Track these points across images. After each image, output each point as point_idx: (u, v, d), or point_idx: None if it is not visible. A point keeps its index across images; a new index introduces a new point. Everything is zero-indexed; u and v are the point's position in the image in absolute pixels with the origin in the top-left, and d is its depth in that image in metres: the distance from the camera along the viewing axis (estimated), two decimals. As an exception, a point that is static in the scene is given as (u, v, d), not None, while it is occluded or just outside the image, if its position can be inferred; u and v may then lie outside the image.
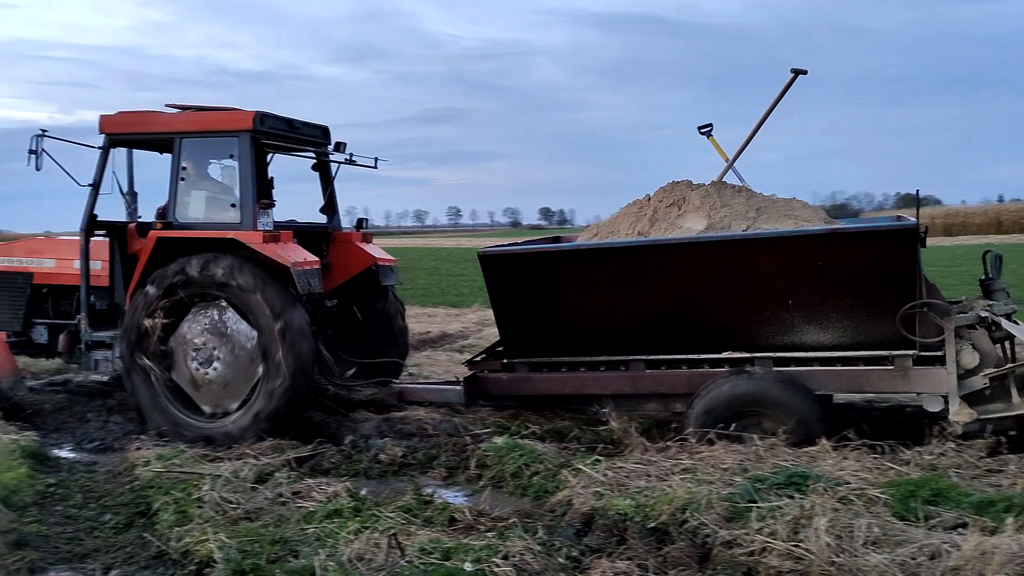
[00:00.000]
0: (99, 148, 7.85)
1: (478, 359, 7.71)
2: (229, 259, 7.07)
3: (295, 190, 8.60)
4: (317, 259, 7.43)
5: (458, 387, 7.31)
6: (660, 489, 5.06)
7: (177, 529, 5.00)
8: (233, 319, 7.20)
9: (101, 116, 7.82)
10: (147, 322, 7.18)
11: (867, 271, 6.10)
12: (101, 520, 5.47)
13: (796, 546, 4.26)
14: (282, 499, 5.52)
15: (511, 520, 4.98)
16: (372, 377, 8.09)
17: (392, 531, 4.60)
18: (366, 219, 8.87)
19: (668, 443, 6.17)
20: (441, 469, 6.50)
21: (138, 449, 6.65)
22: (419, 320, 14.41)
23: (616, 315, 6.74)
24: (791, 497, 4.72)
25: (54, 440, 7.36)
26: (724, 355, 6.59)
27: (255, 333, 7.06)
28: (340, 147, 8.31)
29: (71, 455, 7.08)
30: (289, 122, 7.86)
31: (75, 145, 8.04)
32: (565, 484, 5.50)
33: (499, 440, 6.48)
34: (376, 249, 8.58)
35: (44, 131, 7.65)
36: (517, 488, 5.87)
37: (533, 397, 7.34)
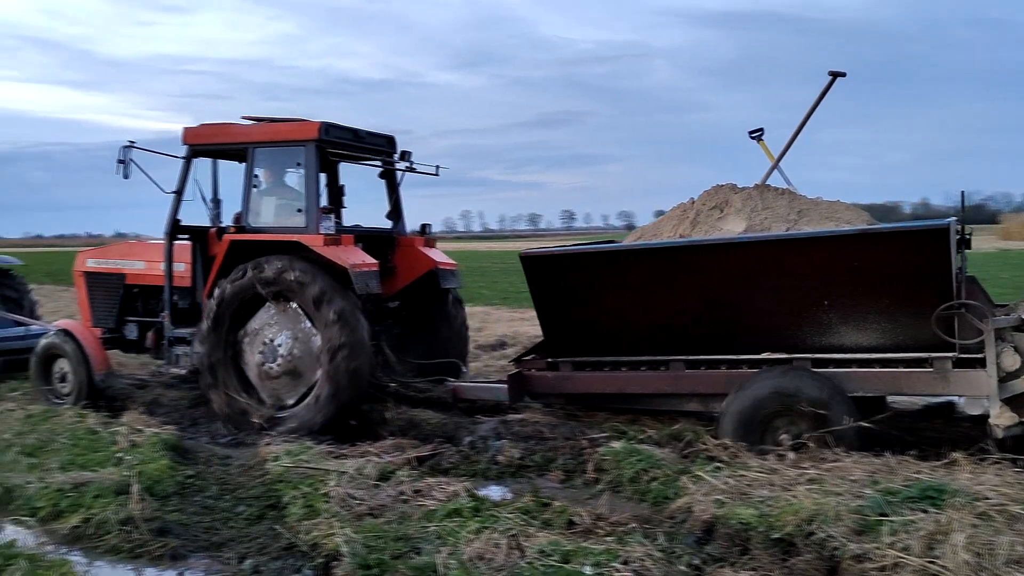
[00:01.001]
0: (182, 158, 8.40)
1: (524, 358, 7.93)
2: (292, 261, 7.48)
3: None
4: (376, 261, 7.71)
5: (505, 384, 7.52)
6: (784, 499, 4.93)
7: (305, 522, 5.18)
8: (295, 317, 7.64)
9: (184, 128, 8.35)
10: (217, 319, 7.74)
11: (900, 272, 6.07)
12: (235, 511, 5.73)
13: (931, 563, 4.07)
14: (404, 497, 5.63)
15: (630, 525, 4.95)
16: (434, 376, 8.31)
17: (512, 532, 4.64)
18: (429, 224, 9.14)
19: (790, 452, 6.01)
20: (559, 472, 6.52)
21: (268, 445, 6.92)
22: (510, 323, 14.57)
23: (653, 316, 6.90)
24: (925, 511, 4.51)
25: (191, 434, 7.72)
26: (763, 356, 6.61)
27: (315, 330, 7.46)
28: (405, 156, 8.72)
29: (208, 448, 7.41)
30: (354, 132, 8.25)
31: (162, 156, 8.65)
32: (685, 491, 5.42)
33: (617, 444, 6.45)
34: (438, 253, 8.88)
35: (132, 142, 8.28)
36: (635, 493, 5.82)
37: (576, 395, 7.52)
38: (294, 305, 7.65)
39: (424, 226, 9.09)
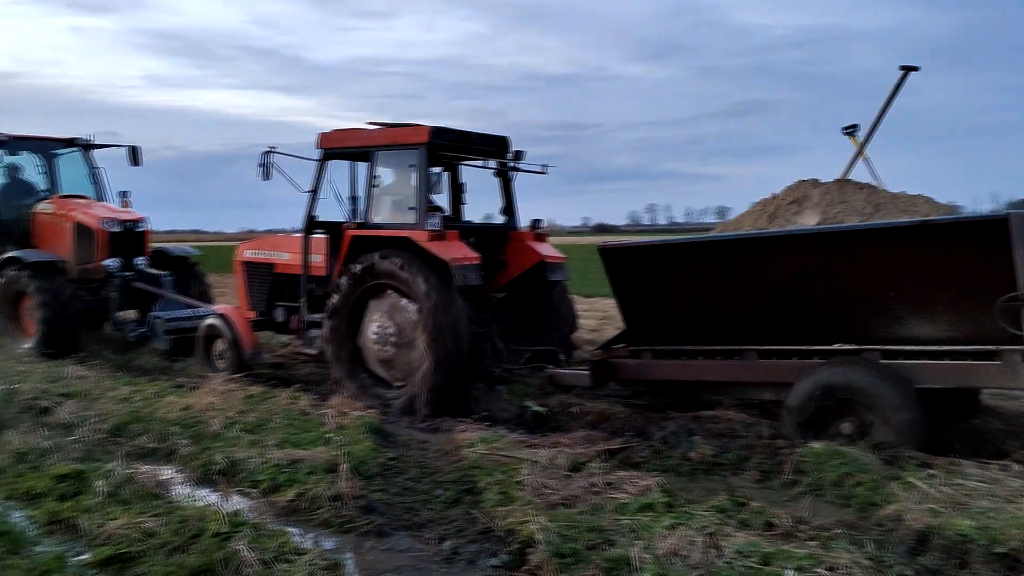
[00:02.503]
0: (316, 160, 9.27)
1: (609, 345, 8.25)
2: (401, 254, 8.22)
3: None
4: (478, 255, 8.26)
5: (588, 371, 7.99)
6: (1008, 512, 4.57)
7: (500, 508, 5.31)
8: (403, 305, 8.36)
9: (319, 134, 9.25)
10: (340, 305, 8.63)
11: (962, 263, 6.03)
12: (433, 494, 5.95)
13: None
14: (595, 489, 5.65)
15: (835, 530, 4.74)
16: (541, 363, 8.78)
17: (708, 530, 4.56)
18: (540, 220, 9.58)
19: (1014, 464, 5.57)
20: (754, 471, 6.33)
21: (463, 431, 7.15)
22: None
23: (726, 306, 7.17)
24: None
25: (393, 418, 8.09)
26: (833, 347, 6.69)
27: (418, 318, 8.10)
28: (519, 156, 9.30)
29: (408, 431, 7.74)
30: (466, 135, 8.88)
31: (298, 159, 9.40)
32: (894, 498, 5.13)
33: (818, 445, 6.18)
34: (547, 247, 9.36)
35: (272, 147, 9.21)
36: (838, 497, 5.56)
37: (656, 382, 7.92)
38: (402, 295, 8.31)
39: (535, 221, 9.54)
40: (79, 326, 11.75)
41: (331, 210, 9.62)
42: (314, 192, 9.32)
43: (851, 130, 8.14)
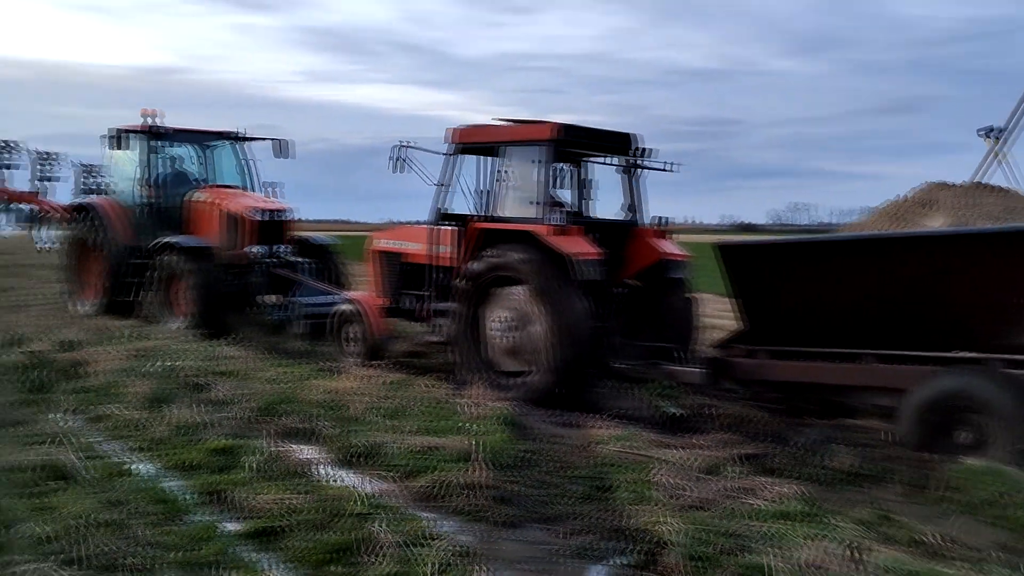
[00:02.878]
0: (446, 155, 9.59)
1: (727, 344, 8.12)
2: (523, 248, 8.42)
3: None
4: (598, 250, 8.31)
5: (703, 369, 7.93)
6: None
7: (633, 507, 5.29)
8: (523, 297, 8.50)
9: (450, 129, 9.58)
10: (465, 296, 8.94)
11: None
12: (567, 488, 5.97)
13: None
14: (731, 493, 5.55)
15: (988, 552, 4.47)
16: (659, 358, 8.67)
17: (851, 543, 4.39)
18: (665, 218, 9.57)
19: None
20: (899, 485, 6.05)
21: (598, 428, 7.15)
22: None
23: (846, 308, 7.01)
24: None
25: (527, 411, 8.16)
26: (953, 354, 6.48)
27: (538, 310, 8.26)
28: (646, 153, 9.37)
29: (542, 425, 7.80)
30: (591, 131, 9.08)
31: (430, 153, 9.82)
32: (1056, 521, 4.79)
33: (971, 461, 5.84)
34: (669, 245, 9.36)
35: (405, 142, 9.67)
36: (992, 518, 5.23)
37: (771, 383, 7.70)
38: (523, 287, 8.50)
39: (659, 219, 9.55)
40: (225, 308, 12.42)
41: (460, 203, 9.92)
42: (443, 185, 9.64)
43: (988, 132, 7.74)
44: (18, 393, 8.41)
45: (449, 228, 9.73)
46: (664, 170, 9.53)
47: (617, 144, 9.40)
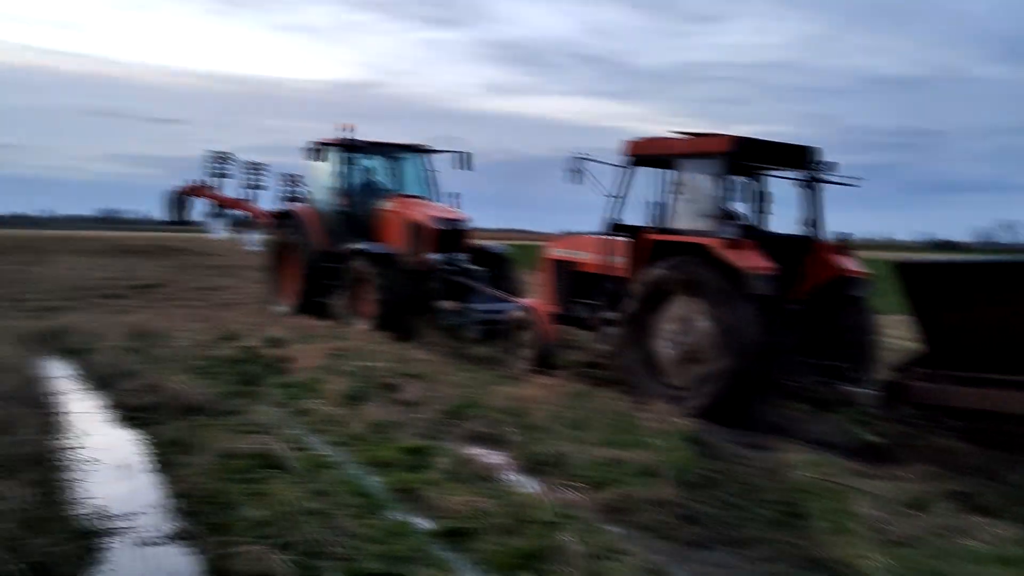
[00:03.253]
0: (622, 167, 9.66)
1: (906, 367, 7.68)
2: (694, 260, 8.42)
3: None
4: (772, 265, 8.18)
5: (878, 391, 7.67)
6: None
7: (832, 538, 5.05)
8: (694, 310, 8.45)
9: (627, 141, 9.62)
10: (635, 306, 8.95)
11: None
12: (756, 512, 5.78)
13: None
14: (939, 530, 5.20)
15: None
16: (835, 378, 8.42)
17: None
18: (846, 233, 9.35)
19: None
20: None
21: (789, 451, 6.88)
22: None
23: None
24: None
25: (713, 429, 7.97)
26: None
27: (709, 324, 8.20)
28: (828, 166, 9.16)
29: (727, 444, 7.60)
30: (769, 145, 8.94)
31: (606, 164, 9.82)
32: None
33: None
34: (850, 261, 9.05)
35: (583, 154, 9.75)
36: None
37: (950, 409, 7.22)
38: (694, 299, 8.46)
39: (840, 234, 9.33)
40: (407, 312, 12.93)
41: (634, 214, 9.97)
42: (618, 196, 9.74)
43: None
44: (232, 384, 9.10)
45: (621, 239, 9.78)
46: (846, 184, 9.28)
47: (797, 157, 9.19)
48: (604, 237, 9.96)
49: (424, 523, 5.35)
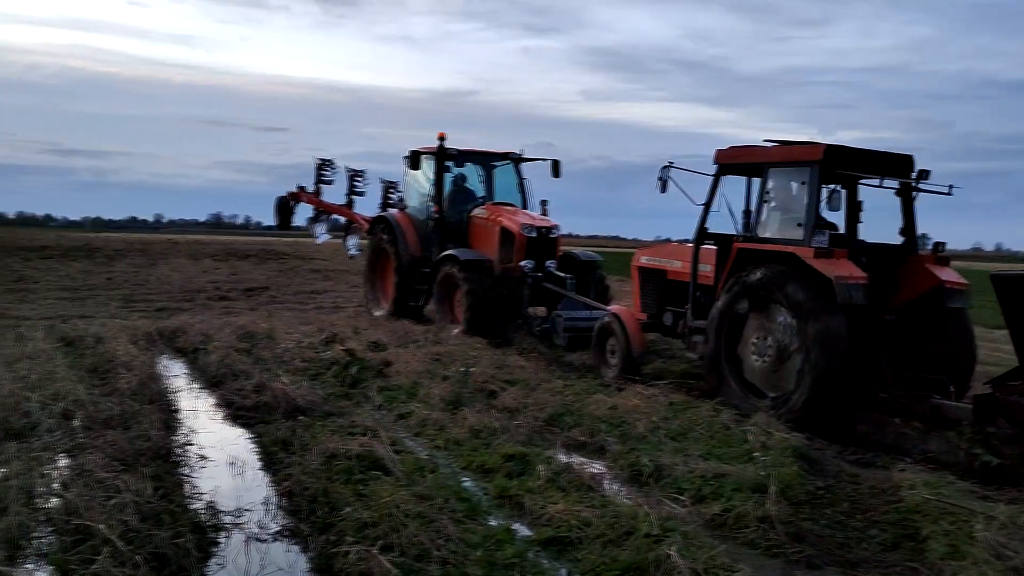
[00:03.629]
0: (711, 176, 9.66)
1: (1003, 381, 7.45)
2: (783, 269, 8.38)
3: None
4: (864, 275, 8.04)
5: (972, 406, 7.40)
6: None
7: (950, 563, 4.82)
8: (784, 319, 8.41)
9: (716, 150, 9.65)
10: (723, 314, 8.98)
11: None
12: (867, 533, 5.58)
13: None
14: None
15: None
16: (929, 391, 8.18)
17: None
18: (943, 243, 9.14)
19: None
20: None
21: (902, 471, 6.62)
22: None
23: None
24: None
25: (820, 445, 7.74)
26: None
27: (797, 332, 8.17)
28: (924, 175, 8.96)
29: (837, 461, 7.36)
30: (863, 153, 8.81)
31: (695, 174, 9.89)
32: None
33: None
34: (948, 272, 8.82)
35: (670, 163, 9.82)
36: None
37: None
38: (783, 308, 8.41)
39: (937, 244, 9.14)
40: (497, 317, 13.22)
41: (723, 223, 9.91)
42: (707, 205, 9.73)
43: None
44: (336, 387, 9.30)
45: (711, 247, 9.81)
46: (940, 193, 9.04)
47: (893, 166, 8.97)
48: (692, 245, 9.99)
49: (525, 530, 5.35)
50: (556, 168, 15.17)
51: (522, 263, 13.42)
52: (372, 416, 7.98)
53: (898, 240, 9.29)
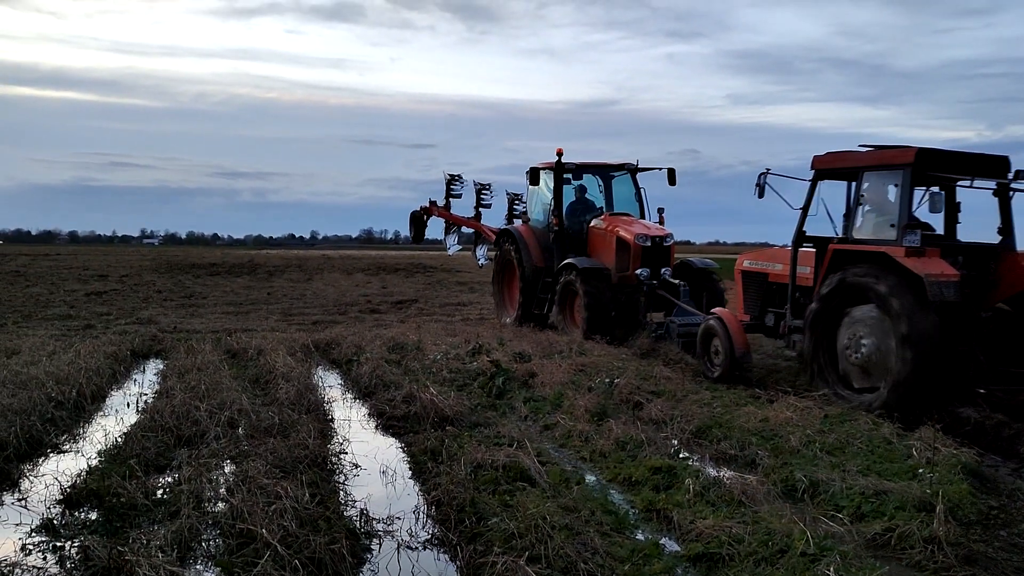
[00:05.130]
0: (808, 180, 10.10)
1: None
2: (876, 269, 8.73)
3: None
4: (956, 272, 8.34)
5: None
6: None
7: None
8: (877, 316, 8.74)
9: (813, 157, 10.01)
10: (819, 313, 9.39)
11: None
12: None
13: None
14: None
15: None
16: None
17: None
18: None
19: None
20: None
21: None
22: None
23: None
24: None
25: (993, 462, 7.24)
26: None
27: (889, 328, 8.50)
28: (1020, 175, 9.10)
29: (1012, 479, 6.86)
30: (956, 155, 9.15)
31: (792, 179, 10.40)
32: None
33: None
34: None
35: (768, 170, 10.22)
36: None
37: None
38: (876, 306, 8.74)
39: None
40: (615, 323, 13.82)
41: (822, 226, 10.29)
42: (804, 209, 10.14)
43: None
44: (482, 397, 9.43)
45: (810, 250, 10.21)
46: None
47: (988, 167, 9.29)
48: (791, 248, 10.39)
49: (673, 545, 5.24)
50: (672, 176, 15.59)
51: (638, 271, 13.97)
52: (518, 427, 8.04)
53: (996, 239, 9.51)
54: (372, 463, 7.08)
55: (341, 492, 6.23)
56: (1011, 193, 9.37)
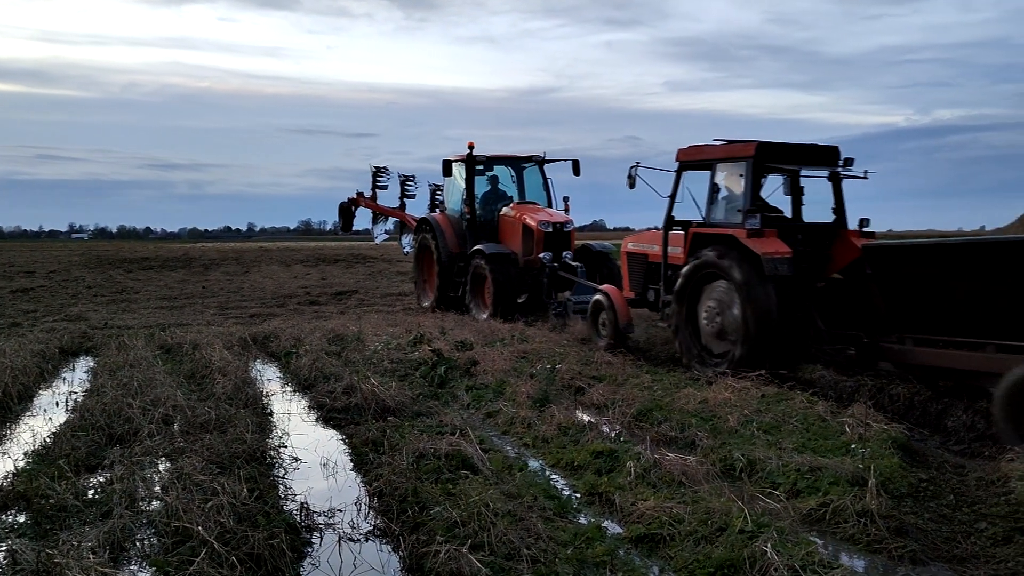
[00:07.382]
0: (673, 171, 11.28)
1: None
2: (724, 248, 9.97)
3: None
4: (789, 249, 9.58)
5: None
6: None
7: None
8: (726, 290, 9.99)
9: (678, 149, 11.25)
10: (682, 289, 10.56)
11: None
12: (975, 527, 5.32)
13: None
14: None
15: None
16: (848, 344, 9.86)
17: None
18: (867, 219, 10.47)
19: None
20: None
21: (1011, 461, 6.29)
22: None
23: (968, 302, 8.12)
24: None
25: (921, 436, 7.45)
26: None
27: (736, 299, 9.75)
28: (849, 163, 10.38)
29: (940, 452, 7.07)
30: (792, 147, 10.26)
31: (660, 171, 11.52)
32: None
33: None
34: (865, 241, 9.97)
35: (637, 163, 11.44)
36: None
37: (915, 367, 8.96)
38: (725, 281, 9.94)
39: (862, 220, 10.43)
40: (519, 305, 15.32)
41: (691, 212, 11.34)
42: (672, 197, 11.36)
43: None
44: (423, 387, 9.39)
45: (680, 232, 11.34)
46: (858, 178, 10.45)
47: (821, 157, 10.44)
48: (664, 232, 11.56)
49: (615, 528, 5.29)
50: (576, 167, 16.87)
51: (541, 255, 15.43)
52: (460, 415, 8.03)
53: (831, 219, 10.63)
54: (312, 456, 7.00)
55: (281, 486, 6.14)
56: (840, 179, 10.51)
